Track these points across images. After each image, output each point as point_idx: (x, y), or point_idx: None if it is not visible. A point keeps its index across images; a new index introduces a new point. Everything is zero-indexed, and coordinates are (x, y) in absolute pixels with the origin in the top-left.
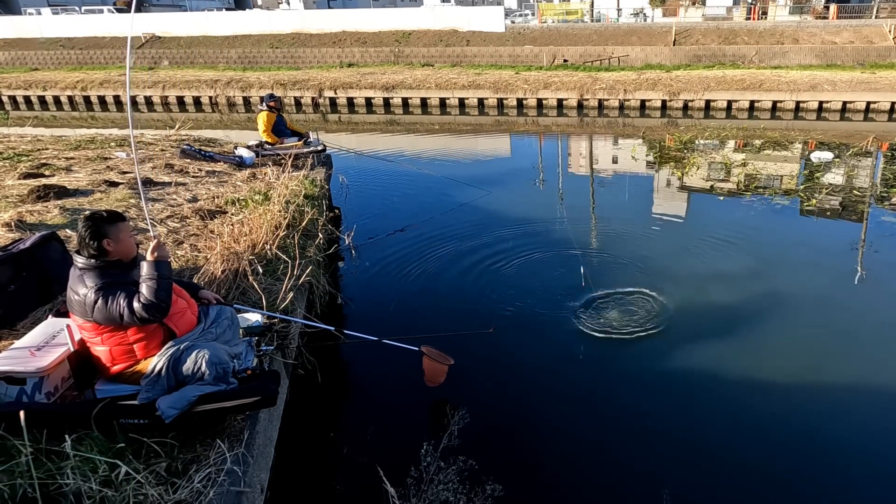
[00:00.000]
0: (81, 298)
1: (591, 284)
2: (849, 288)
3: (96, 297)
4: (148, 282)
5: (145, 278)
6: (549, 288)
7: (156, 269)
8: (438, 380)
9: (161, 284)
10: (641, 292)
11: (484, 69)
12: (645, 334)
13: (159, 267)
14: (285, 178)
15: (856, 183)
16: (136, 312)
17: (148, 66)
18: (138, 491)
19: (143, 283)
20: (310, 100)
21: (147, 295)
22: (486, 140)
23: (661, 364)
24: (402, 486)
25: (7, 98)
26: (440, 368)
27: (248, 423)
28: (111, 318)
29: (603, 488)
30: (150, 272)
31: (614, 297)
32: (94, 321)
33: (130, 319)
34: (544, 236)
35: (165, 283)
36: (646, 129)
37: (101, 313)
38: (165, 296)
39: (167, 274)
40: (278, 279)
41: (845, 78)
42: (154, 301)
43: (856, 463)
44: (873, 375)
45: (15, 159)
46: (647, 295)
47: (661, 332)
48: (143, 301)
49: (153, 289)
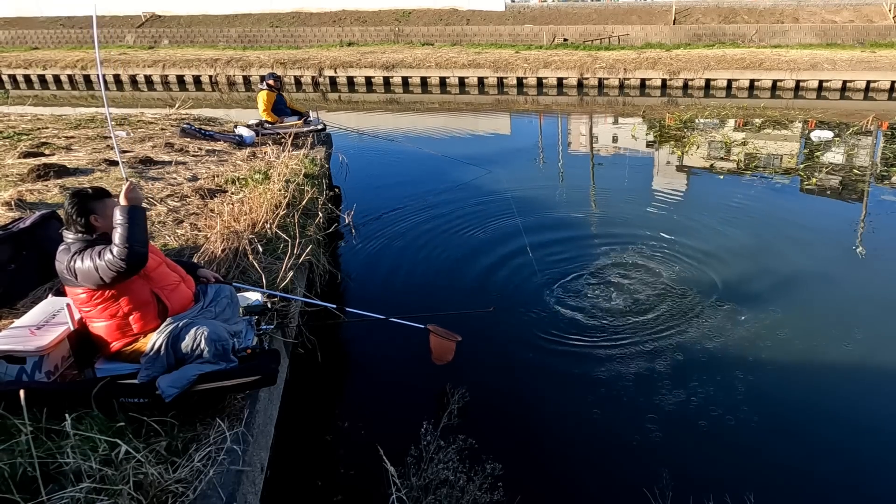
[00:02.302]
0: (64, 264)
1: (590, 263)
2: (847, 266)
3: (74, 255)
4: (120, 227)
5: (117, 223)
6: (549, 267)
7: (128, 214)
8: (447, 357)
9: (135, 228)
10: (642, 270)
11: (484, 48)
12: (647, 312)
13: (132, 212)
14: (285, 157)
15: (856, 162)
16: (111, 261)
17: (148, 45)
18: (138, 470)
19: (115, 229)
20: (310, 79)
21: (118, 241)
22: (486, 119)
23: (663, 342)
24: (401, 465)
25: (7, 77)
26: (448, 345)
27: (248, 402)
28: (90, 274)
29: (603, 467)
30: (121, 216)
31: (615, 276)
32: (81, 285)
33: (106, 270)
34: (544, 215)
35: (139, 227)
36: (646, 109)
37: (82, 272)
38: (140, 241)
39: (141, 219)
40: (278, 258)
41: (845, 57)
42: (127, 246)
43: (857, 439)
44: (873, 354)
45: (15, 138)
46: (648, 272)
47: (662, 309)
48: (116, 245)
49: (124, 234)
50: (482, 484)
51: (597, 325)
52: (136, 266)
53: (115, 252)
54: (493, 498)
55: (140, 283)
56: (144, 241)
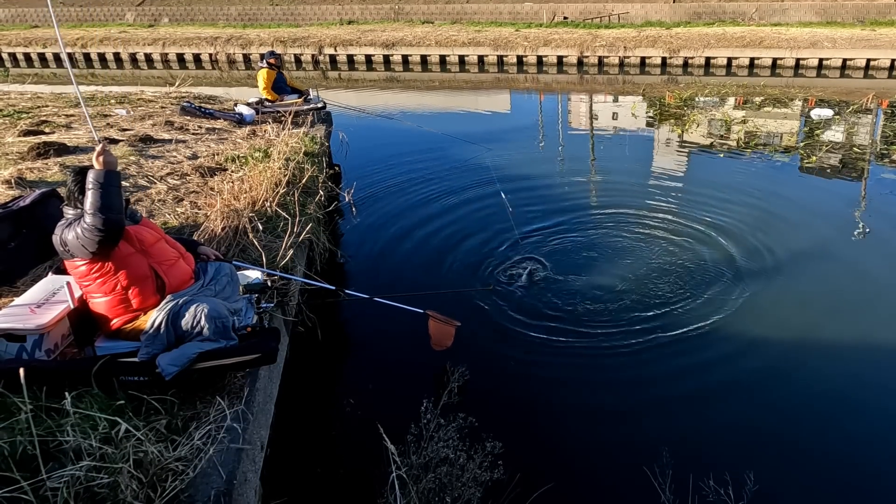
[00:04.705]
0: (58, 237)
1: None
2: (846, 244)
3: (64, 228)
4: (92, 192)
5: (89, 187)
6: (548, 245)
7: (104, 178)
8: (446, 343)
9: (108, 194)
10: (642, 247)
11: (484, 26)
12: (646, 288)
13: (108, 176)
14: (285, 135)
15: (856, 140)
16: (87, 229)
17: (148, 24)
18: (138, 448)
19: (87, 192)
20: (310, 57)
21: (90, 207)
22: (487, 97)
23: (662, 319)
24: (402, 444)
25: (7, 55)
26: (447, 330)
27: (248, 381)
28: (76, 245)
29: (603, 445)
30: (94, 180)
31: (615, 253)
32: (77, 256)
33: (86, 239)
34: (542, 193)
35: (114, 192)
36: (646, 87)
37: (70, 243)
38: (114, 208)
39: (115, 183)
40: (278, 236)
41: (845, 35)
42: (102, 214)
43: (858, 417)
44: (872, 332)
45: (15, 116)
46: (647, 249)
47: (662, 285)
48: (89, 213)
49: (97, 201)
50: (482, 462)
51: (597, 302)
52: (114, 233)
53: (88, 220)
54: (493, 476)
55: (138, 257)
56: (119, 208)
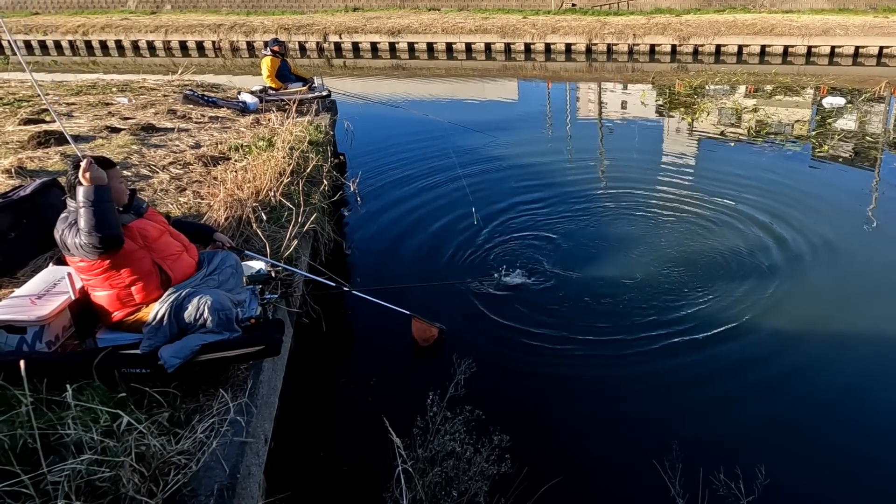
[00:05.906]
0: (59, 234)
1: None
2: (859, 234)
3: (64, 229)
4: (84, 211)
5: (80, 206)
6: (554, 235)
7: (94, 195)
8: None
9: (101, 212)
10: (650, 236)
11: (491, 13)
12: (655, 279)
13: (98, 192)
14: (289, 123)
15: (868, 129)
16: (86, 247)
17: (150, 11)
18: (140, 441)
19: (79, 210)
20: (314, 45)
21: (85, 226)
22: (494, 85)
23: (671, 310)
24: (407, 437)
25: (7, 43)
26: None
27: (252, 373)
28: (79, 252)
29: (612, 438)
30: (84, 199)
31: (625, 244)
32: (78, 256)
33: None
34: (550, 181)
35: (106, 209)
36: (655, 75)
37: (73, 247)
38: (109, 224)
39: (106, 199)
40: (282, 226)
41: (858, 22)
42: (98, 234)
43: (873, 409)
44: (886, 322)
45: (15, 105)
46: (656, 238)
47: (671, 275)
48: (85, 232)
49: (91, 221)
50: (489, 455)
51: (607, 295)
52: (112, 249)
53: (85, 240)
54: (500, 469)
55: (141, 253)
56: (114, 223)
